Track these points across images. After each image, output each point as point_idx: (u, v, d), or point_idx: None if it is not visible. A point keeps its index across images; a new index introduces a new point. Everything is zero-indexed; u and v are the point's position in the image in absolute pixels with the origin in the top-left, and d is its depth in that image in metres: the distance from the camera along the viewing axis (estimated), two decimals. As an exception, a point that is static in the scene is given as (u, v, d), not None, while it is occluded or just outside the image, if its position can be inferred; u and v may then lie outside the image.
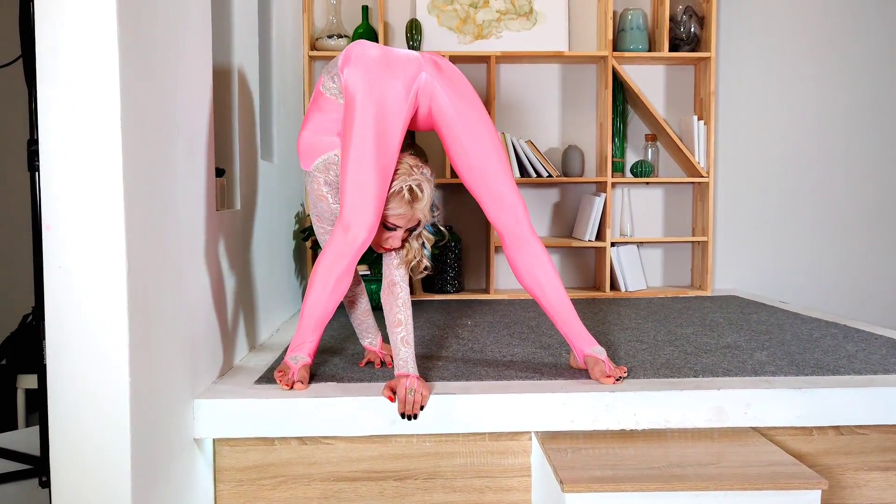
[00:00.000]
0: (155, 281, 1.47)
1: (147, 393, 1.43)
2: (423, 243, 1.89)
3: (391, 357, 2.00)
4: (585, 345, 1.89)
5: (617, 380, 1.81)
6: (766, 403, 1.76)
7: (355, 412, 1.73)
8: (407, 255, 1.89)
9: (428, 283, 3.48)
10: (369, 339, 2.10)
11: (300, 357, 1.83)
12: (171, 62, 1.59)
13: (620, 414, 1.75)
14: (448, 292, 3.46)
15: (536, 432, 1.77)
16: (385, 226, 1.81)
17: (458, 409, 1.74)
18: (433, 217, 1.88)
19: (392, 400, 1.70)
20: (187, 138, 1.69)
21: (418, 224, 1.85)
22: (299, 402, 1.73)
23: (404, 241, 1.87)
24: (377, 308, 3.01)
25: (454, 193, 3.50)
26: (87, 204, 1.30)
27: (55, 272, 1.29)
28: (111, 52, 1.29)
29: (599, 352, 1.87)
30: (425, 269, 1.92)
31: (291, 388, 1.77)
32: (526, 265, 1.89)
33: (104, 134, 1.30)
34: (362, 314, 2.10)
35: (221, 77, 2.12)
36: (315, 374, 1.93)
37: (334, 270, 1.78)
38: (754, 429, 1.79)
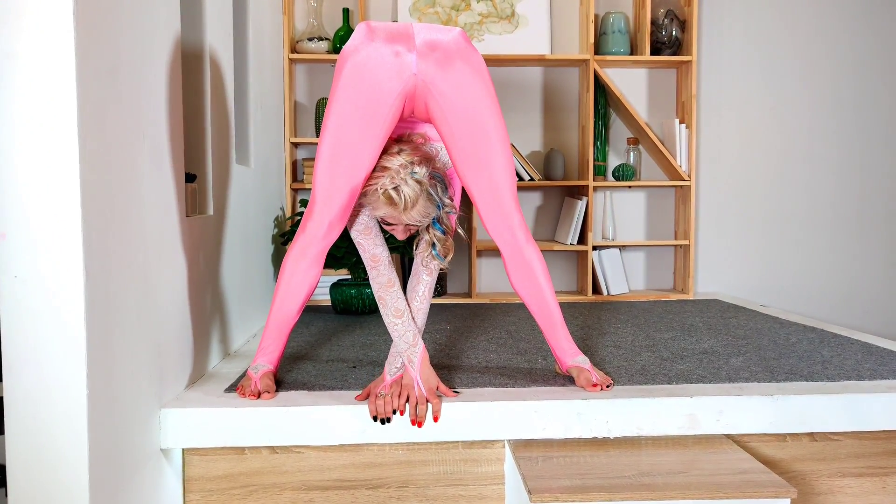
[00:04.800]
0: (117, 289, 1.45)
1: (108, 403, 1.41)
2: (434, 243, 1.80)
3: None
4: (569, 355, 1.88)
5: (605, 387, 1.80)
6: (738, 410, 1.76)
7: (326, 420, 1.71)
8: (417, 246, 1.83)
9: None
10: (398, 363, 1.79)
11: (261, 366, 1.81)
12: (136, 64, 1.57)
13: (592, 422, 1.74)
14: (429, 296, 3.43)
15: (509, 440, 1.76)
16: (380, 221, 1.78)
17: (429, 416, 1.72)
18: (441, 213, 1.76)
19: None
20: (154, 142, 1.67)
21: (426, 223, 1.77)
22: (269, 411, 1.71)
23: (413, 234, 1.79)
24: (371, 312, 3.03)
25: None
26: (43, 212, 1.28)
27: (10, 281, 1.27)
28: (67, 54, 1.27)
29: (583, 361, 1.86)
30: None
31: (258, 398, 1.75)
32: (519, 275, 1.85)
33: (61, 139, 1.28)
34: (392, 314, 1.80)
35: (194, 82, 2.09)
36: (284, 381, 1.92)
37: (299, 265, 1.77)
38: (727, 436, 1.78)
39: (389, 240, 3.17)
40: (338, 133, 1.70)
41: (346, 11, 3.38)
